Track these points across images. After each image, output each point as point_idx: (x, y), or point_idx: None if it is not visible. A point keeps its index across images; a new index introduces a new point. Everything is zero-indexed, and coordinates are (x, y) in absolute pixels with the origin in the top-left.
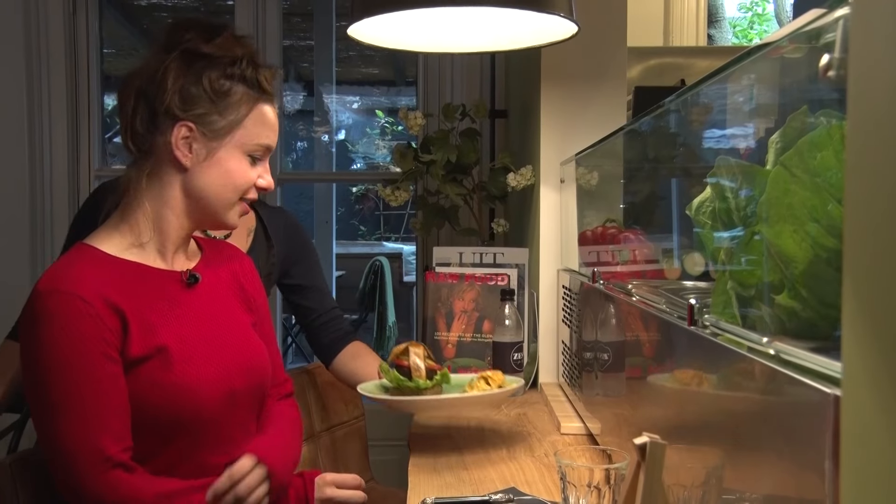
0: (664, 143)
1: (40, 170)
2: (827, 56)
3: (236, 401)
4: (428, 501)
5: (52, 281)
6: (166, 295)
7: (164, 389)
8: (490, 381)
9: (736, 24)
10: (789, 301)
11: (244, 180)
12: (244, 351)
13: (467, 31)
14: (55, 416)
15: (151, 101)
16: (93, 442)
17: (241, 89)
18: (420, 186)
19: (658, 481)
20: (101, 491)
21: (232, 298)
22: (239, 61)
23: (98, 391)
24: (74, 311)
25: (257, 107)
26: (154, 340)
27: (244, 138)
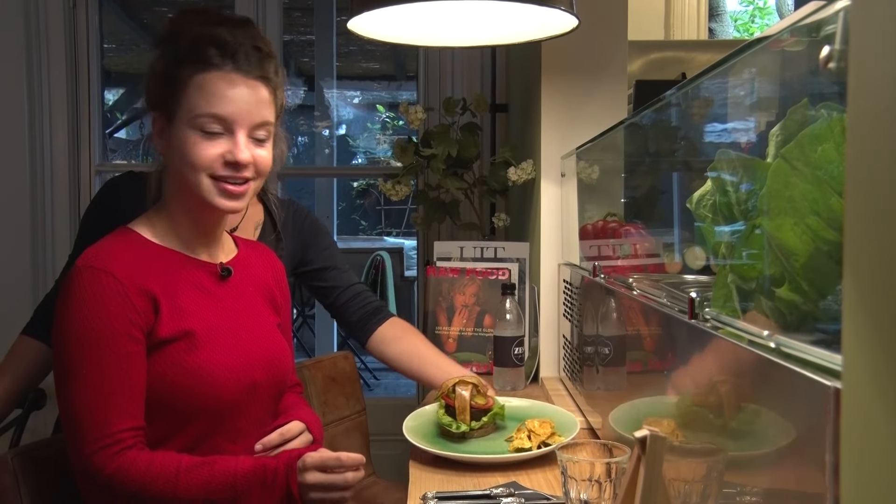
0: (665, 137)
1: (41, 165)
2: (827, 48)
3: (256, 393)
4: (429, 496)
5: (89, 258)
6: (199, 283)
7: (186, 371)
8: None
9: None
10: (790, 294)
11: (198, 157)
12: (267, 346)
13: (468, 25)
14: (71, 387)
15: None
16: (103, 415)
17: (185, 69)
18: (421, 181)
19: (658, 474)
20: (102, 464)
21: (260, 297)
22: (179, 38)
23: (116, 368)
24: (105, 289)
25: (195, 77)
26: (182, 324)
27: (187, 112)
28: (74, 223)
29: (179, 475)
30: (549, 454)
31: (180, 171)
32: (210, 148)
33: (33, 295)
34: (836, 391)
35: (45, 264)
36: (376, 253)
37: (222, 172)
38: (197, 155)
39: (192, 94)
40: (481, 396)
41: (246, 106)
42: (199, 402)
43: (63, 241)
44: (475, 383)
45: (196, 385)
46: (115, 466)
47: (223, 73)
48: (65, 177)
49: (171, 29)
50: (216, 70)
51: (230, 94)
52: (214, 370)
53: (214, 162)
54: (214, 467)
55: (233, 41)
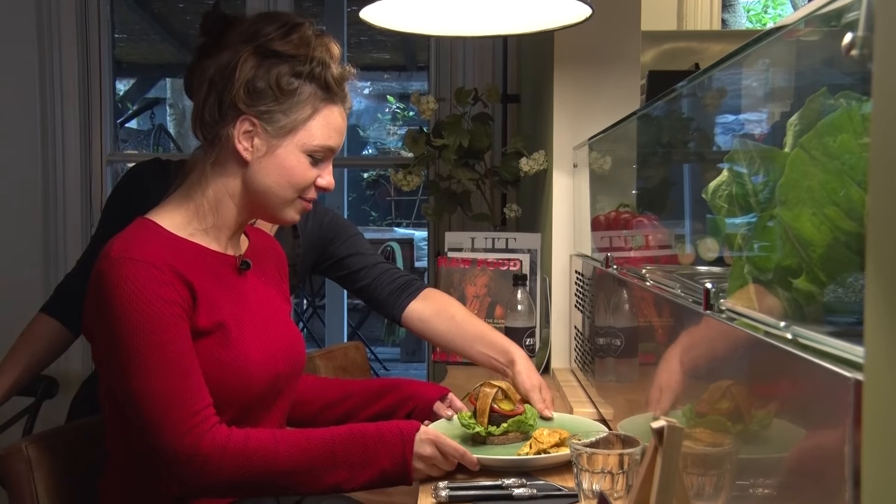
0: (678, 128)
1: (52, 155)
2: (850, 35)
3: (279, 383)
4: (441, 486)
5: (123, 251)
6: (221, 277)
7: (220, 365)
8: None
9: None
10: (808, 285)
11: (303, 179)
12: (286, 337)
13: (480, 14)
14: (139, 377)
15: (220, 91)
16: (182, 398)
17: (308, 89)
18: (432, 171)
19: (675, 465)
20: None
21: (273, 288)
22: (310, 60)
23: (179, 350)
24: (149, 276)
25: (323, 108)
26: (216, 316)
27: (306, 139)
28: (86, 212)
29: (279, 444)
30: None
31: (265, 181)
32: (312, 173)
33: (45, 283)
34: (856, 383)
35: (57, 253)
36: (387, 244)
37: (311, 195)
38: (301, 177)
39: (319, 123)
40: (508, 402)
41: (343, 137)
42: (228, 395)
43: (74, 229)
44: (502, 387)
45: (228, 379)
46: (210, 442)
47: (341, 108)
48: (76, 166)
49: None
50: (335, 105)
51: (343, 128)
52: (245, 364)
53: (311, 186)
54: (311, 433)
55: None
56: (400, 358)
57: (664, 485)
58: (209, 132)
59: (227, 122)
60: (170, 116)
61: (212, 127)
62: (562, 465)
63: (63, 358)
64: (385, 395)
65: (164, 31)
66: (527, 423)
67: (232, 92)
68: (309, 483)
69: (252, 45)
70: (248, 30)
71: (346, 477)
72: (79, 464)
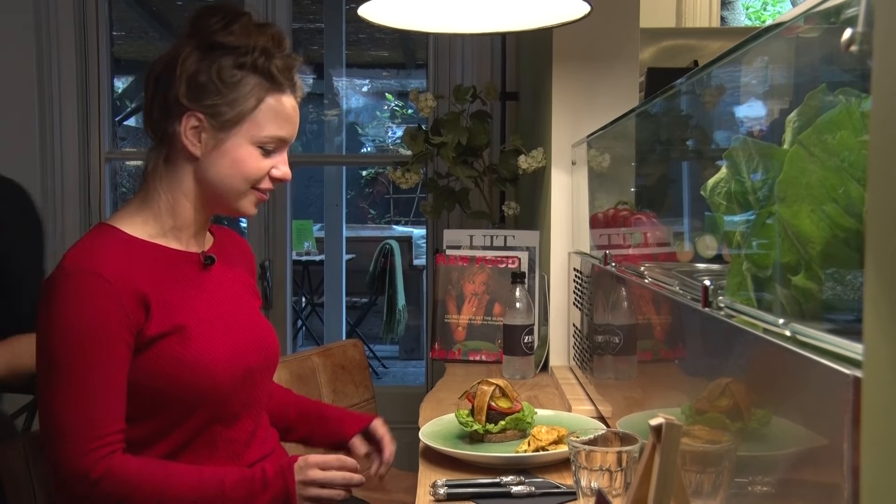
0: (677, 125)
1: (51, 153)
2: (849, 31)
3: (251, 377)
4: (439, 484)
5: (76, 259)
6: (184, 275)
7: (183, 364)
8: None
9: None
10: (806, 282)
11: (254, 170)
12: (256, 330)
13: (478, 11)
14: (58, 389)
15: (165, 88)
16: (92, 418)
17: (252, 80)
18: (430, 169)
19: (673, 462)
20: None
21: (240, 283)
22: (252, 51)
23: (106, 371)
24: (97, 291)
25: (269, 98)
26: (173, 319)
27: (254, 130)
28: (85, 210)
29: (169, 479)
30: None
31: (217, 175)
32: (264, 163)
33: None
34: (855, 380)
35: (56, 251)
36: (385, 241)
37: (266, 186)
38: (253, 169)
39: (265, 113)
40: (506, 399)
41: (296, 128)
42: (197, 394)
43: (73, 227)
44: (500, 385)
45: (193, 377)
46: (105, 469)
47: (288, 96)
48: (75, 164)
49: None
50: (282, 93)
51: (293, 117)
52: (210, 360)
53: (265, 176)
54: (203, 473)
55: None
56: (398, 355)
57: (662, 482)
58: (157, 130)
59: (173, 119)
60: None
61: (159, 124)
62: (560, 463)
63: None
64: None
65: (163, 28)
66: (524, 420)
67: (175, 88)
68: None
69: (195, 39)
70: (190, 25)
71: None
72: None
